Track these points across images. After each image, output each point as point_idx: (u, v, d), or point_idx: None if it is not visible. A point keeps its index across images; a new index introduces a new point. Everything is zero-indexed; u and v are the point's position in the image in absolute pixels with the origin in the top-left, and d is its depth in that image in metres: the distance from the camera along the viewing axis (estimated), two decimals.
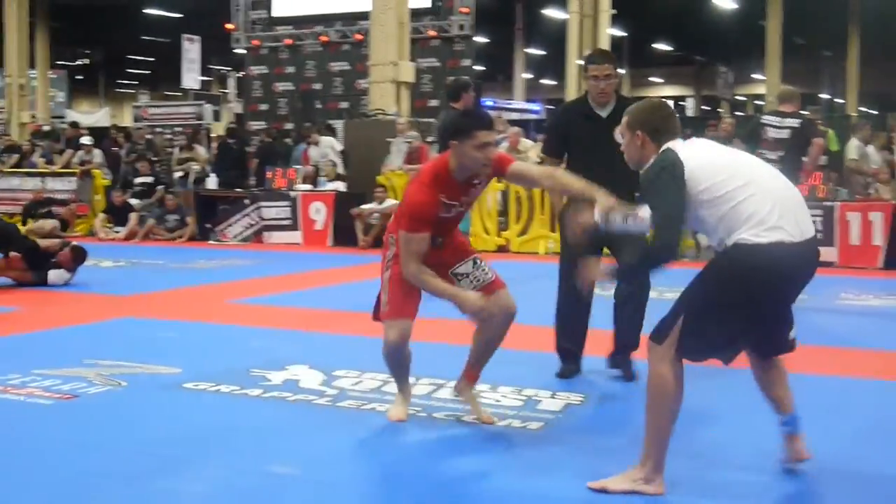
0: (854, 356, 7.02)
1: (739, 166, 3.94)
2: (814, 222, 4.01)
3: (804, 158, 9.32)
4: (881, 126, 19.63)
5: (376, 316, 4.99)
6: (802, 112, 10.13)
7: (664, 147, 3.97)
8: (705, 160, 3.91)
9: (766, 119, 9.61)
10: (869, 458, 4.55)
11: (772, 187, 3.89)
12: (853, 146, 14.25)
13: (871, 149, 14.48)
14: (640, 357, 5.43)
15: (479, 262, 4.98)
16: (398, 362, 4.99)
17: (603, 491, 3.95)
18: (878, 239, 12.26)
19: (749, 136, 9.77)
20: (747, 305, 3.86)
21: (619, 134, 4.19)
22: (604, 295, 6.00)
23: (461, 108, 10.14)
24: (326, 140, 16.89)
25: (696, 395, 4.22)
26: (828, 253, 12.08)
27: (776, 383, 4.19)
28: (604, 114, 6.03)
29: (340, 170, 16.51)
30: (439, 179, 4.71)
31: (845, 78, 39.04)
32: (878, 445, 4.79)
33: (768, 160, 8.71)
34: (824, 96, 46.72)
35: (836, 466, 4.35)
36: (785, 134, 9.23)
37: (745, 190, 3.82)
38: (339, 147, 16.60)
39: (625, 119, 4.15)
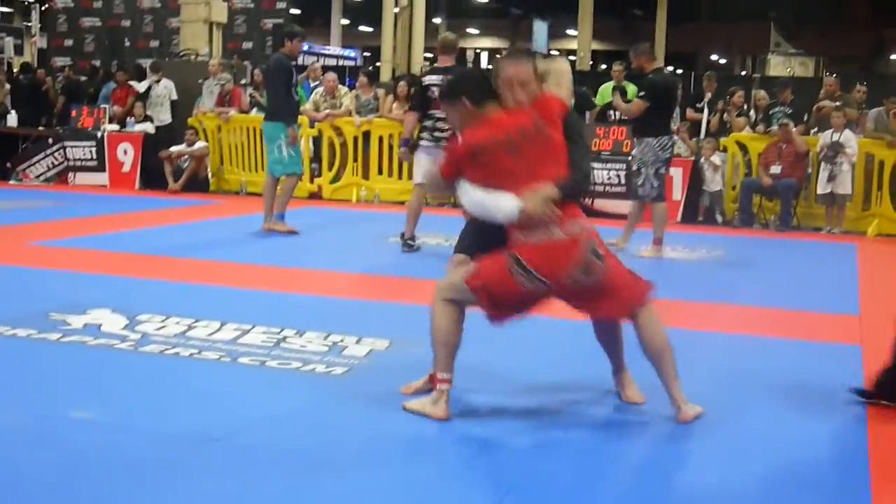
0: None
1: None
2: (616, 176, 4.14)
3: None
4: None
5: None
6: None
7: None
8: None
9: (430, 79, 9.05)
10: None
11: None
12: None
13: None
14: None
15: None
16: None
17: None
18: (678, 194, 12.70)
19: (420, 102, 9.20)
20: None
21: None
22: None
23: (287, 52, 10.34)
24: (170, 83, 16.07)
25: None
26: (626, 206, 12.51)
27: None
28: None
29: (167, 116, 15.77)
30: None
31: (654, 37, 40.24)
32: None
33: (439, 120, 8.66)
34: None
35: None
36: None
37: None
38: (175, 96, 15.88)
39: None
